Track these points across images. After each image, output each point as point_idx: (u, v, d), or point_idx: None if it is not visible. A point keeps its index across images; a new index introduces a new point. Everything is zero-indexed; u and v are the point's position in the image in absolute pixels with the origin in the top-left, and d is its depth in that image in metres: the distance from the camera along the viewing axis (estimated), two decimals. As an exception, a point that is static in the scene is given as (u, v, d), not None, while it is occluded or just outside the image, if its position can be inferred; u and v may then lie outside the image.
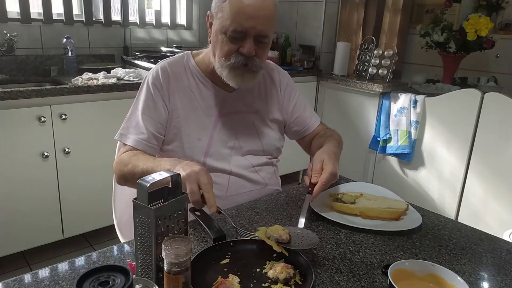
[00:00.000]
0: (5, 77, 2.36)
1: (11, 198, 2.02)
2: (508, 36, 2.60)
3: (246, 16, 1.04)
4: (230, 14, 1.04)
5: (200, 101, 1.20)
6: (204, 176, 0.91)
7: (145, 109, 1.17)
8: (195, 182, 0.90)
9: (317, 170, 1.06)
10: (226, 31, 1.06)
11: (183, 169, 0.93)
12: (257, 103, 1.27)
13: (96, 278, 0.60)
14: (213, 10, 1.12)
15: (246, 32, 1.06)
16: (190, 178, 0.90)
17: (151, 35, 3.03)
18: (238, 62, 1.08)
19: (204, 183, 0.90)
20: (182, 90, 1.19)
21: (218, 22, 1.08)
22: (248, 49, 1.07)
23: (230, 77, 1.12)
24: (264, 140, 1.28)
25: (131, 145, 1.16)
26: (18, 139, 1.98)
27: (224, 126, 1.21)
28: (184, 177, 0.90)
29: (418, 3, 3.01)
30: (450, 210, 2.43)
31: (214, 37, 1.12)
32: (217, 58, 1.12)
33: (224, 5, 1.06)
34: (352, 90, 2.87)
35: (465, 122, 2.33)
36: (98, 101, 2.19)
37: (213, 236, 0.91)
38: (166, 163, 1.02)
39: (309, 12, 3.19)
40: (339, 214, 1.09)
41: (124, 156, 1.14)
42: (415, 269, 0.77)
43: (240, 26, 1.04)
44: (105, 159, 2.08)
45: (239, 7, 1.04)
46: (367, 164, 2.86)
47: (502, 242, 1.01)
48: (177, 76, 1.19)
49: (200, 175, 0.91)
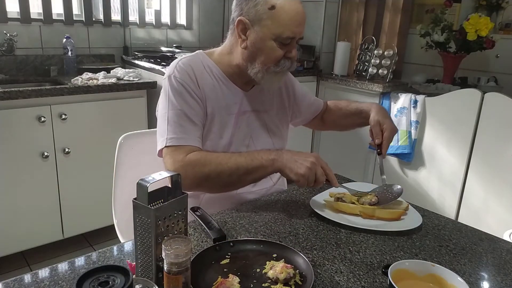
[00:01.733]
0: (5, 77, 2.36)
1: (11, 198, 2.02)
2: (508, 36, 2.60)
3: (297, 23, 1.10)
4: (284, 22, 1.08)
5: (222, 99, 1.19)
6: (322, 160, 1.04)
7: (185, 106, 1.12)
8: (320, 166, 1.02)
9: (378, 132, 1.24)
10: (277, 38, 1.09)
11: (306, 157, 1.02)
12: (267, 102, 1.29)
13: (96, 278, 0.60)
14: (251, 17, 1.10)
15: (294, 38, 1.12)
16: (318, 162, 1.02)
17: (151, 35, 3.03)
18: (285, 66, 1.14)
19: (326, 165, 1.04)
20: (208, 86, 1.17)
21: (266, 29, 1.09)
22: (295, 53, 1.14)
23: (273, 80, 1.16)
24: (274, 138, 1.30)
25: (193, 144, 1.10)
26: (18, 139, 1.98)
27: (242, 125, 1.22)
28: (314, 163, 1.01)
29: (418, 3, 3.00)
30: (450, 210, 2.43)
31: (257, 43, 1.11)
32: (259, 64, 1.12)
33: (272, 13, 1.08)
34: (352, 90, 2.86)
35: (465, 122, 2.32)
36: (98, 101, 2.19)
37: (213, 236, 0.91)
38: (262, 154, 1.06)
39: (309, 12, 3.18)
40: (339, 214, 1.10)
41: (193, 157, 1.06)
42: (415, 269, 0.77)
43: (292, 33, 1.10)
44: (105, 159, 2.09)
45: (291, 14, 1.09)
46: (367, 164, 2.86)
47: (502, 242, 1.01)
48: (201, 73, 1.18)
49: (321, 160, 1.03)
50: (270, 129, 1.29)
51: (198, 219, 0.99)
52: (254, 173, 1.06)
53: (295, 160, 1.02)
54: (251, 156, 1.05)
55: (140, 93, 2.33)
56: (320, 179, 1.02)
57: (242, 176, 1.06)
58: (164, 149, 1.10)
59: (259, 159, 1.04)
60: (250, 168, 1.05)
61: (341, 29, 3.19)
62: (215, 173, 1.05)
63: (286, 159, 1.03)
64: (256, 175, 1.07)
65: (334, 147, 3.04)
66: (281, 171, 1.04)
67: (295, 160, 1.02)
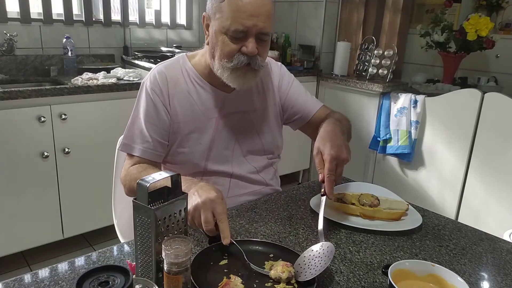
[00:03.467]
0: (5, 77, 2.36)
1: (11, 198, 2.02)
2: (508, 36, 2.60)
3: (246, 14, 1.01)
4: (230, 14, 1.02)
5: (199, 104, 1.18)
6: (219, 205, 0.87)
7: (147, 117, 1.14)
8: (209, 210, 0.86)
9: (318, 164, 1.00)
10: (227, 32, 1.04)
11: (199, 195, 0.89)
12: (255, 101, 1.25)
13: (96, 278, 0.60)
14: (209, 11, 1.09)
15: (248, 31, 1.03)
16: (205, 206, 0.87)
17: (151, 35, 3.03)
18: (241, 62, 1.06)
19: (219, 212, 0.86)
20: (181, 94, 1.17)
21: (217, 23, 1.05)
22: (251, 48, 1.04)
23: (232, 78, 1.09)
24: (264, 139, 1.26)
25: (138, 155, 1.13)
26: (18, 139, 1.98)
27: (224, 128, 1.20)
28: (199, 205, 0.87)
29: (418, 3, 3.00)
30: (450, 210, 2.43)
31: (213, 38, 1.08)
32: (217, 59, 1.09)
33: (222, 5, 1.04)
34: (352, 90, 2.86)
35: (465, 122, 2.32)
36: (98, 101, 2.19)
37: (208, 238, 0.91)
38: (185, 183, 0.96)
39: (309, 12, 3.18)
40: (339, 214, 1.09)
41: (133, 171, 1.11)
42: (415, 269, 0.77)
43: (241, 25, 1.02)
44: (105, 159, 2.08)
45: (239, 5, 1.01)
46: (367, 164, 2.86)
47: (502, 242, 1.01)
48: (175, 80, 1.17)
49: (216, 204, 0.87)
50: (259, 129, 1.25)
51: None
52: None
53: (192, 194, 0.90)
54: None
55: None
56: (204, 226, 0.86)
57: None
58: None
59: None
60: None
61: (341, 29, 3.19)
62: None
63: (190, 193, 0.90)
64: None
65: (334, 147, 3.03)
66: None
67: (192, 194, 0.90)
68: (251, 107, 1.24)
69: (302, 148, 3.20)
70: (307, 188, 1.28)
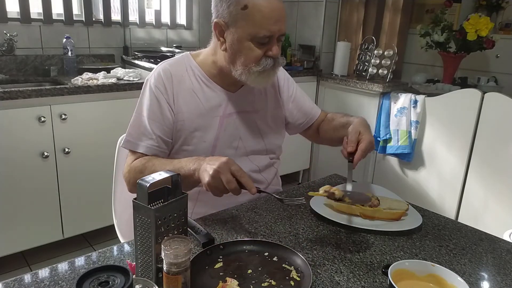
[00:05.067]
0: (5, 77, 2.36)
1: (11, 198, 2.02)
2: (508, 36, 2.60)
3: (273, 20, 1.06)
4: (257, 21, 1.05)
5: (204, 102, 1.18)
6: (233, 163, 0.95)
7: (151, 114, 1.15)
8: (228, 171, 0.94)
9: (353, 140, 1.11)
10: (253, 38, 1.07)
11: (211, 164, 0.95)
12: (258, 102, 1.27)
13: (96, 278, 0.60)
14: (226, 19, 1.08)
15: (273, 36, 1.08)
16: (222, 169, 0.93)
17: (151, 35, 3.03)
18: (268, 65, 1.11)
19: (237, 169, 0.94)
20: (185, 92, 1.17)
21: (241, 31, 1.07)
22: (276, 51, 1.11)
23: (259, 80, 1.13)
24: (266, 139, 1.28)
25: (143, 152, 1.13)
26: (18, 139, 1.98)
27: (228, 127, 1.21)
28: (216, 171, 0.93)
29: (418, 3, 3.00)
30: (450, 210, 2.43)
31: (235, 45, 1.10)
32: (241, 65, 1.11)
33: (246, 12, 1.05)
34: (352, 90, 2.86)
35: (465, 122, 2.32)
36: (98, 101, 2.19)
37: (202, 241, 0.90)
38: (188, 163, 1.02)
39: (309, 12, 3.18)
40: (339, 214, 1.09)
41: (137, 164, 1.11)
42: (415, 269, 0.77)
43: (268, 31, 1.07)
44: (105, 159, 2.09)
45: (265, 12, 1.05)
46: (367, 164, 2.86)
47: (502, 242, 1.01)
48: (180, 78, 1.18)
49: (230, 164, 0.95)
50: (262, 129, 1.27)
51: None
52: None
53: (204, 169, 0.96)
54: (178, 166, 1.04)
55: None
56: (228, 186, 0.93)
57: None
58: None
59: (185, 169, 1.01)
60: None
61: (341, 29, 3.19)
62: None
63: (202, 168, 0.97)
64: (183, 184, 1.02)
65: (334, 148, 3.03)
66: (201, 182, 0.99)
67: (204, 169, 0.96)
68: (253, 108, 1.26)
69: (302, 148, 3.20)
70: (307, 188, 1.28)
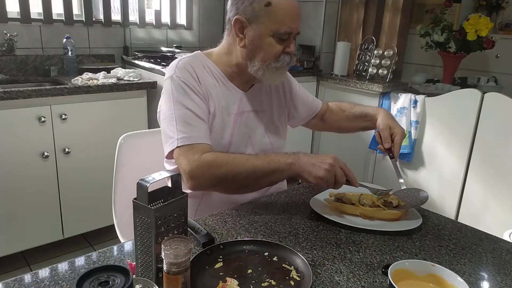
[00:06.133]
0: (5, 77, 2.36)
1: (11, 198, 2.02)
2: (508, 36, 2.60)
3: (293, 18, 1.11)
4: (280, 18, 1.09)
5: (222, 99, 1.19)
6: (340, 160, 1.03)
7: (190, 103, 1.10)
8: (338, 167, 1.01)
9: (388, 136, 1.26)
10: (275, 34, 1.10)
11: (322, 159, 1.01)
12: (265, 101, 1.30)
13: (96, 278, 0.60)
14: (247, 15, 1.10)
15: (291, 33, 1.12)
16: (336, 164, 1.01)
17: (151, 35, 3.03)
18: (285, 61, 1.14)
19: (344, 165, 1.03)
20: (209, 87, 1.18)
21: (263, 26, 1.10)
22: (293, 48, 1.15)
23: (275, 77, 1.16)
24: (272, 137, 1.30)
25: (206, 143, 1.08)
26: (18, 139, 1.98)
27: (241, 125, 1.23)
28: (332, 165, 1.00)
29: (418, 3, 3.00)
30: (450, 210, 2.43)
31: (256, 41, 1.12)
32: (259, 61, 1.13)
33: (269, 9, 1.08)
34: (352, 90, 2.86)
35: (465, 122, 2.32)
36: (98, 101, 2.19)
37: (202, 241, 0.90)
38: (282, 157, 1.05)
39: (309, 12, 3.18)
40: (339, 214, 1.10)
41: (210, 157, 1.04)
42: (415, 269, 0.77)
43: (289, 28, 1.10)
44: (105, 159, 2.09)
45: (287, 9, 1.09)
46: (367, 164, 2.86)
47: (502, 242, 1.01)
48: (200, 73, 1.18)
49: (339, 160, 1.02)
50: (268, 128, 1.29)
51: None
52: (270, 176, 1.05)
53: (312, 163, 1.01)
54: (268, 159, 1.05)
55: (140, 93, 2.32)
56: (340, 181, 1.02)
57: (259, 178, 1.05)
58: (176, 150, 1.07)
59: (276, 162, 1.04)
60: (266, 171, 1.04)
61: (341, 29, 3.19)
62: (232, 175, 1.04)
63: (304, 163, 1.02)
64: (272, 178, 1.06)
65: (334, 147, 3.04)
66: (299, 175, 1.03)
67: (312, 163, 1.01)
68: (262, 107, 1.28)
69: (302, 147, 3.20)
70: (307, 188, 1.28)
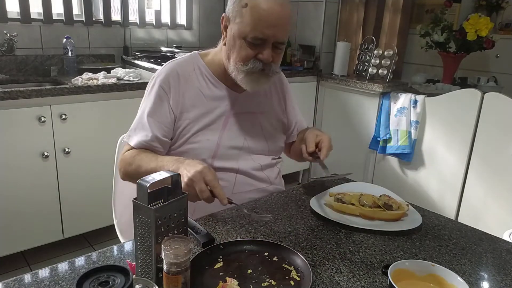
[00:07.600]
0: (5, 77, 2.36)
1: (11, 198, 2.02)
2: (508, 36, 2.60)
3: (267, 24, 1.05)
4: (251, 21, 1.05)
5: (210, 101, 1.20)
6: (208, 173, 0.95)
7: (151, 112, 1.17)
8: (201, 181, 0.93)
9: (312, 141, 1.16)
10: (246, 37, 1.07)
11: (187, 171, 0.95)
12: (263, 104, 1.29)
13: (96, 278, 0.60)
14: (230, 14, 1.11)
15: (266, 40, 1.07)
16: (196, 178, 0.93)
17: (151, 35, 3.03)
18: (255, 67, 1.10)
19: (210, 179, 0.94)
20: (192, 90, 1.19)
21: (237, 27, 1.08)
22: (267, 55, 1.09)
23: (246, 81, 1.13)
24: (270, 140, 1.29)
25: (133, 145, 1.17)
26: (18, 139, 1.98)
27: (233, 127, 1.22)
28: (190, 179, 0.93)
29: (418, 3, 3.00)
30: (450, 210, 2.43)
31: (231, 41, 1.11)
32: (232, 61, 1.12)
33: (244, 10, 1.06)
34: (352, 90, 2.86)
35: (465, 122, 2.32)
36: (98, 101, 2.18)
37: (202, 241, 0.90)
38: (169, 164, 1.03)
39: (309, 12, 3.18)
40: (339, 214, 1.10)
41: (127, 155, 1.16)
42: (415, 269, 0.77)
43: (261, 33, 1.06)
44: (105, 159, 2.08)
45: (261, 14, 1.04)
46: (367, 164, 2.86)
47: (502, 242, 1.01)
48: (187, 77, 1.19)
49: (204, 174, 0.94)
50: (266, 131, 1.28)
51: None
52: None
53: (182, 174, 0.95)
54: (160, 163, 1.06)
55: (140, 93, 2.30)
56: (201, 196, 0.93)
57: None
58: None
59: (163, 167, 1.01)
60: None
61: (341, 29, 3.19)
62: (135, 173, 1.11)
63: (180, 170, 0.97)
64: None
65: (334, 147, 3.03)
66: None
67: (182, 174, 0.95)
68: (258, 109, 1.28)
69: (302, 148, 3.20)
70: (307, 188, 1.28)
